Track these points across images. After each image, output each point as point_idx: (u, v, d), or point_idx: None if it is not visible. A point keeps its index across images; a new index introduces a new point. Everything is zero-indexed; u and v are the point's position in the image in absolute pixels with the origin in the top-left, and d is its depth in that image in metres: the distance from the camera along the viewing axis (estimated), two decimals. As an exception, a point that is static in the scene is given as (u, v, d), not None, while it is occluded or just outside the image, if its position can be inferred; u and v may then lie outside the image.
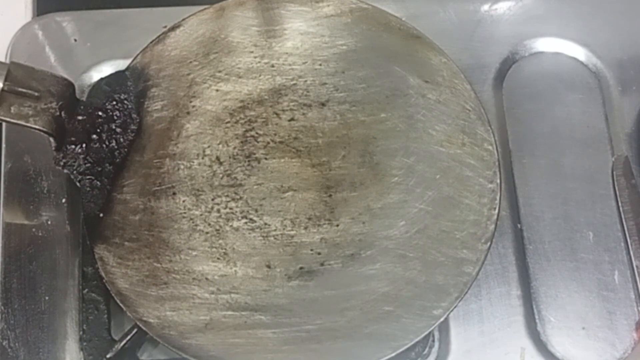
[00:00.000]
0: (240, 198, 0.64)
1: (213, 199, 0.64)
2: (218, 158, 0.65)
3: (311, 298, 0.61)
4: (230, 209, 0.64)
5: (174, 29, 0.68)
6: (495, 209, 0.63)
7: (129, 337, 0.62)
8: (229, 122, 0.67)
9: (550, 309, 0.65)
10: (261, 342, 0.59)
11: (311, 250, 0.63)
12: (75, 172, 0.62)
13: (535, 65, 0.73)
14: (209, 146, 0.66)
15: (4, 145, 0.68)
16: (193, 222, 0.63)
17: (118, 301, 0.59)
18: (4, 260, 0.64)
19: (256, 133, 0.66)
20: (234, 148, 0.66)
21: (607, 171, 0.69)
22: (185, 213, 0.63)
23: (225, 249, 0.62)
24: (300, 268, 0.62)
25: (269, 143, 0.66)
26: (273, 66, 0.68)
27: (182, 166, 0.65)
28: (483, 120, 0.66)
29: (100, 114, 0.63)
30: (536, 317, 0.65)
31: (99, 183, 0.63)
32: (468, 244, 0.62)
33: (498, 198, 0.63)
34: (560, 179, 0.69)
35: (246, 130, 0.66)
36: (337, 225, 0.63)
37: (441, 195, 0.64)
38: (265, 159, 0.65)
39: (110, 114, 0.64)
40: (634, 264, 0.66)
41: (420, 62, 0.68)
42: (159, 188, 0.64)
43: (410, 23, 0.69)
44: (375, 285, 0.61)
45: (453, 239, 0.62)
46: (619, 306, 0.65)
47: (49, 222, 0.66)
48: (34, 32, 0.72)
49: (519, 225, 0.67)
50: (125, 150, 0.64)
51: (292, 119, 0.67)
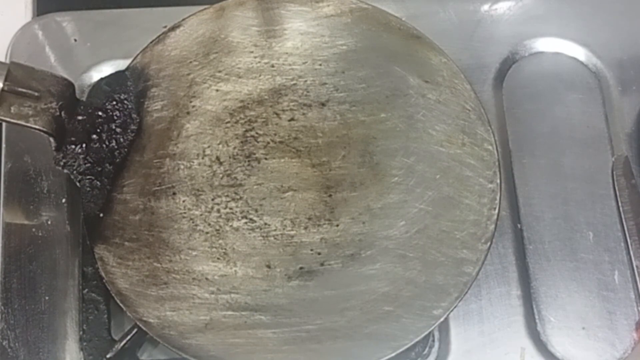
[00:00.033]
0: (240, 198, 0.64)
1: (213, 199, 0.64)
2: (218, 158, 0.65)
3: (311, 298, 0.61)
4: (230, 209, 0.64)
5: (174, 29, 0.68)
6: (495, 209, 0.63)
7: (129, 337, 0.62)
8: (229, 122, 0.67)
9: (550, 309, 0.65)
10: (261, 342, 0.59)
11: (311, 250, 0.63)
12: (75, 172, 0.62)
13: (535, 65, 0.73)
14: (209, 146, 0.66)
15: (4, 145, 0.68)
16: (193, 222, 0.63)
17: (118, 301, 0.59)
18: (4, 260, 0.64)
19: (256, 133, 0.66)
20: (234, 148, 0.66)
21: (607, 171, 0.69)
22: (185, 213, 0.63)
23: (225, 249, 0.62)
24: (300, 268, 0.62)
25: (269, 143, 0.66)
26: (273, 66, 0.68)
27: (182, 166, 0.65)
28: (483, 120, 0.65)
29: (100, 114, 0.63)
30: (536, 317, 0.65)
31: (99, 183, 0.63)
32: (468, 244, 0.62)
33: (498, 198, 0.63)
34: (560, 179, 0.69)
35: (246, 130, 0.66)
36: (337, 225, 0.63)
37: (441, 195, 0.64)
38: (265, 159, 0.65)
39: (110, 114, 0.64)
40: (634, 264, 0.66)
41: (420, 62, 0.68)
42: (159, 188, 0.64)
43: (410, 23, 0.69)
44: (375, 285, 0.61)
45: (453, 239, 0.62)
46: (619, 306, 0.65)
47: (49, 222, 0.66)
48: (34, 32, 0.72)
49: (519, 225, 0.67)
50: (125, 150, 0.64)
51: (292, 119, 0.67)
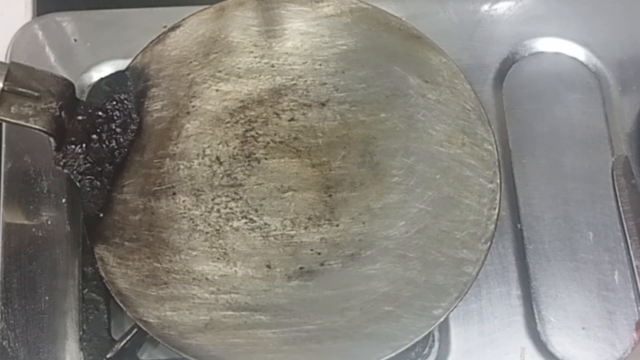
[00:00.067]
0: (240, 198, 0.64)
1: (213, 199, 0.64)
2: (218, 158, 0.65)
3: (311, 298, 0.61)
4: (230, 209, 0.64)
5: (174, 29, 0.68)
6: (495, 209, 0.63)
7: (129, 337, 0.62)
8: (229, 122, 0.67)
9: (550, 309, 0.65)
10: (261, 342, 0.59)
11: (311, 250, 0.63)
12: (75, 172, 0.62)
13: (535, 65, 0.73)
14: (209, 146, 0.66)
15: (4, 145, 0.68)
16: (193, 222, 0.63)
17: (118, 301, 0.59)
18: (4, 260, 0.64)
19: (256, 133, 0.66)
20: (234, 148, 0.66)
21: (607, 171, 0.69)
22: (185, 213, 0.63)
23: (225, 249, 0.62)
24: (300, 268, 0.62)
25: (269, 143, 0.66)
26: (273, 66, 0.68)
27: (182, 166, 0.65)
28: (483, 120, 0.65)
29: (100, 114, 0.63)
30: (536, 317, 0.65)
31: (99, 183, 0.63)
32: (468, 244, 0.62)
33: (498, 198, 0.63)
34: (560, 179, 0.69)
35: (246, 130, 0.66)
36: (337, 225, 0.63)
37: (441, 195, 0.64)
38: (265, 159, 0.65)
39: (110, 114, 0.64)
40: (634, 264, 0.66)
41: (420, 62, 0.68)
42: (159, 188, 0.64)
43: (410, 23, 0.69)
44: (375, 285, 0.61)
45: (453, 239, 0.62)
46: (619, 306, 0.65)
47: (49, 222, 0.66)
48: (34, 32, 0.72)
49: (519, 225, 0.67)
50: (125, 150, 0.64)
51: (292, 119, 0.67)
